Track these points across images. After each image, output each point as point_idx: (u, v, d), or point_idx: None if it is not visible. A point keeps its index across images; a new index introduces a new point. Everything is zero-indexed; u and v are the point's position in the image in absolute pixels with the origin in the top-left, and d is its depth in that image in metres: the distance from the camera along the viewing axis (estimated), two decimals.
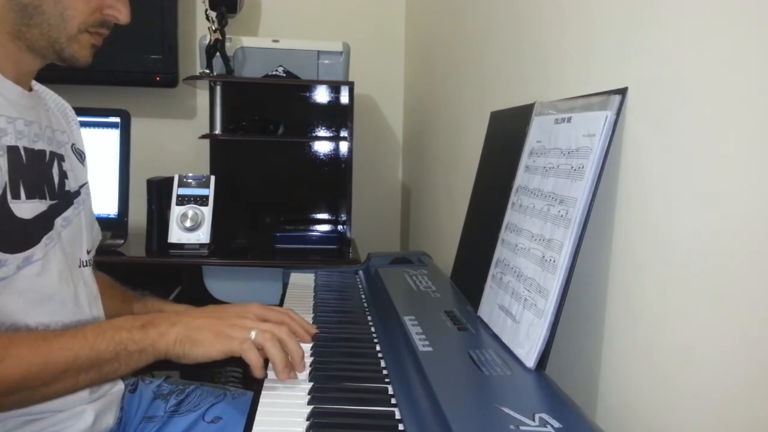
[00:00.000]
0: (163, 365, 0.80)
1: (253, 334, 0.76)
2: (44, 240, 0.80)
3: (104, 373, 0.74)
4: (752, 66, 0.54)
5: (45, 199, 0.83)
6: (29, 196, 0.79)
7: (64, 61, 0.83)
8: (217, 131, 2.05)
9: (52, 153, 0.86)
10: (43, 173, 0.84)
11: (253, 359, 0.74)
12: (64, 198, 0.87)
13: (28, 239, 0.78)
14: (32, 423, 0.79)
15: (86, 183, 0.95)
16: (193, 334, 0.76)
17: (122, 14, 0.84)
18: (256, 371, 0.74)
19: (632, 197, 0.71)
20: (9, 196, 0.76)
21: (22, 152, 0.80)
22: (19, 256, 0.76)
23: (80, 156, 0.96)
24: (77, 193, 0.91)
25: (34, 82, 0.89)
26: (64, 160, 0.89)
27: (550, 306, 0.71)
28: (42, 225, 0.81)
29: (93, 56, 0.85)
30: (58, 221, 0.84)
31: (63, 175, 0.88)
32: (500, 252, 0.90)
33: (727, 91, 0.57)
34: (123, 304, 1.04)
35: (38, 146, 0.83)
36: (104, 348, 0.72)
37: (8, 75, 0.81)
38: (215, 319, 0.78)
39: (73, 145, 0.94)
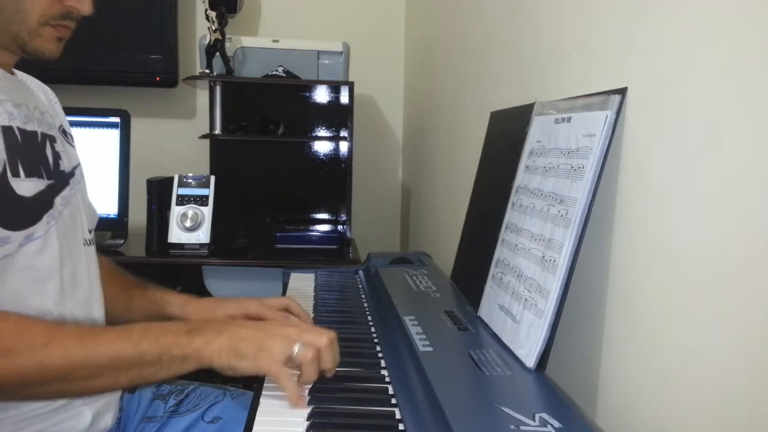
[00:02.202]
0: None
1: (296, 349, 0.73)
2: (45, 218, 0.80)
3: (145, 375, 0.73)
4: (752, 66, 0.54)
5: (43, 178, 0.82)
6: (28, 175, 0.79)
7: (29, 55, 0.81)
8: (217, 131, 2.05)
9: (43, 134, 0.86)
10: (38, 153, 0.84)
11: (290, 389, 0.71)
12: (61, 178, 0.87)
13: (30, 217, 0.78)
14: (30, 424, 0.78)
15: (79, 164, 0.95)
16: (237, 345, 0.73)
17: (83, 5, 0.82)
18: (293, 402, 0.71)
19: (632, 197, 0.71)
20: (9, 174, 0.76)
21: (17, 132, 0.79)
22: (21, 234, 0.76)
23: (69, 138, 0.96)
24: (72, 174, 0.91)
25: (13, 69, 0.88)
26: (55, 141, 0.88)
27: (550, 306, 0.71)
28: (42, 203, 0.81)
29: (61, 49, 0.83)
30: (58, 200, 0.84)
31: (56, 155, 0.87)
32: (500, 252, 0.90)
33: (727, 91, 0.57)
34: (124, 290, 1.04)
35: (30, 127, 0.83)
36: (147, 349, 0.71)
37: None
38: (259, 331, 0.76)
39: (60, 126, 0.94)
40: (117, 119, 1.82)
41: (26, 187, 0.79)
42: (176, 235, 1.71)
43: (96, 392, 0.75)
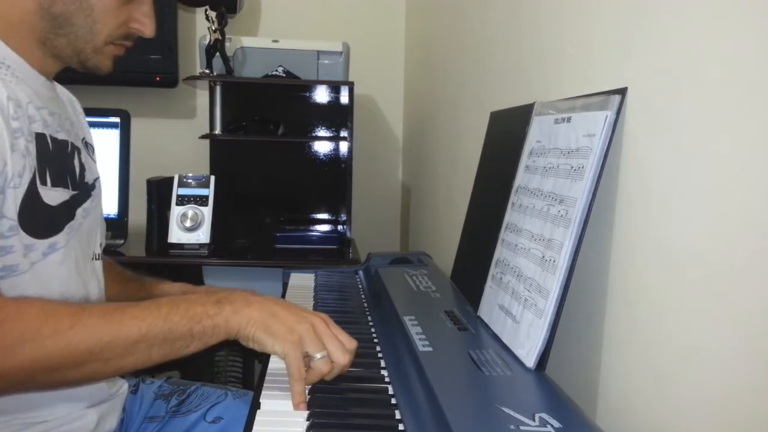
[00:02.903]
0: (163, 366, 0.80)
1: (318, 356, 0.72)
2: (66, 228, 0.82)
3: (177, 348, 0.71)
4: (752, 66, 0.54)
5: (68, 188, 0.84)
6: (54, 184, 0.81)
7: (86, 69, 0.85)
8: (217, 131, 2.05)
9: (72, 144, 0.88)
10: (66, 163, 0.85)
11: (297, 392, 0.70)
12: (84, 189, 0.89)
13: (54, 226, 0.80)
14: (34, 426, 0.79)
15: (98, 177, 0.97)
16: (269, 321, 0.72)
17: (148, 29, 0.86)
18: (295, 405, 0.70)
19: (632, 197, 0.71)
20: (38, 181, 0.78)
21: (49, 140, 0.81)
22: (45, 243, 0.78)
23: (91, 151, 0.98)
24: (93, 186, 0.93)
25: None
26: (81, 153, 0.90)
27: (550, 306, 0.71)
28: (65, 213, 0.82)
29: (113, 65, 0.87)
30: (79, 212, 0.86)
31: (82, 167, 0.89)
32: (500, 252, 0.90)
33: (727, 91, 0.57)
34: (123, 285, 1.05)
35: (61, 137, 0.85)
36: (178, 321, 0.70)
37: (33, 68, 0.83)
38: (291, 313, 0.75)
39: (83, 139, 0.96)
40: (117, 119, 1.82)
41: (52, 195, 0.80)
42: (176, 235, 1.71)
43: (128, 370, 0.73)
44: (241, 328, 0.72)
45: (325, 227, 2.17)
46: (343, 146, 2.06)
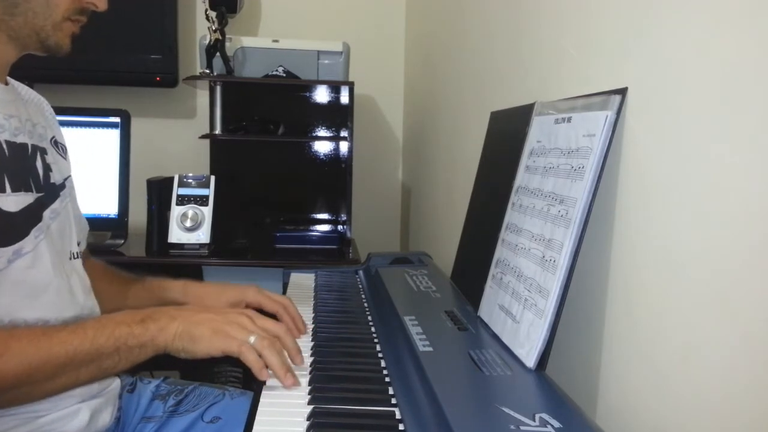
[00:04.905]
0: (162, 365, 0.80)
1: (252, 339, 0.76)
2: (33, 232, 0.80)
3: (105, 368, 0.75)
4: (752, 66, 0.54)
5: (31, 191, 0.82)
6: (15, 189, 0.79)
7: (48, 50, 0.83)
8: (217, 131, 2.05)
9: (34, 146, 0.86)
10: (27, 166, 0.84)
11: (253, 361, 0.74)
12: (51, 190, 0.87)
13: (17, 232, 0.78)
14: (26, 423, 0.78)
15: (70, 176, 0.95)
16: (192, 329, 0.76)
17: (101, 2, 0.85)
18: (258, 373, 0.74)
19: (632, 197, 0.71)
20: None
21: (4, 145, 0.79)
22: (8, 250, 0.76)
23: (62, 150, 0.96)
24: (63, 186, 0.91)
25: (8, 78, 0.89)
26: (46, 153, 0.88)
27: (550, 306, 0.71)
28: (30, 217, 0.81)
29: (72, 44, 0.86)
30: (47, 213, 0.84)
31: (47, 168, 0.87)
32: (500, 252, 0.90)
33: (727, 91, 0.57)
34: (121, 287, 1.04)
35: (20, 139, 0.83)
36: (104, 342, 0.73)
37: None
38: (214, 315, 0.79)
39: (53, 138, 0.94)
40: (117, 119, 1.82)
41: (12, 202, 0.78)
42: (176, 235, 1.71)
43: (57, 392, 0.76)
44: (168, 344, 0.76)
45: (325, 227, 2.17)
46: (343, 146, 2.06)
